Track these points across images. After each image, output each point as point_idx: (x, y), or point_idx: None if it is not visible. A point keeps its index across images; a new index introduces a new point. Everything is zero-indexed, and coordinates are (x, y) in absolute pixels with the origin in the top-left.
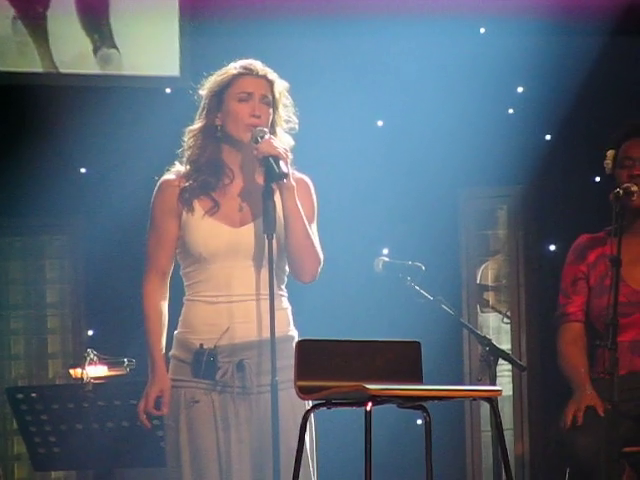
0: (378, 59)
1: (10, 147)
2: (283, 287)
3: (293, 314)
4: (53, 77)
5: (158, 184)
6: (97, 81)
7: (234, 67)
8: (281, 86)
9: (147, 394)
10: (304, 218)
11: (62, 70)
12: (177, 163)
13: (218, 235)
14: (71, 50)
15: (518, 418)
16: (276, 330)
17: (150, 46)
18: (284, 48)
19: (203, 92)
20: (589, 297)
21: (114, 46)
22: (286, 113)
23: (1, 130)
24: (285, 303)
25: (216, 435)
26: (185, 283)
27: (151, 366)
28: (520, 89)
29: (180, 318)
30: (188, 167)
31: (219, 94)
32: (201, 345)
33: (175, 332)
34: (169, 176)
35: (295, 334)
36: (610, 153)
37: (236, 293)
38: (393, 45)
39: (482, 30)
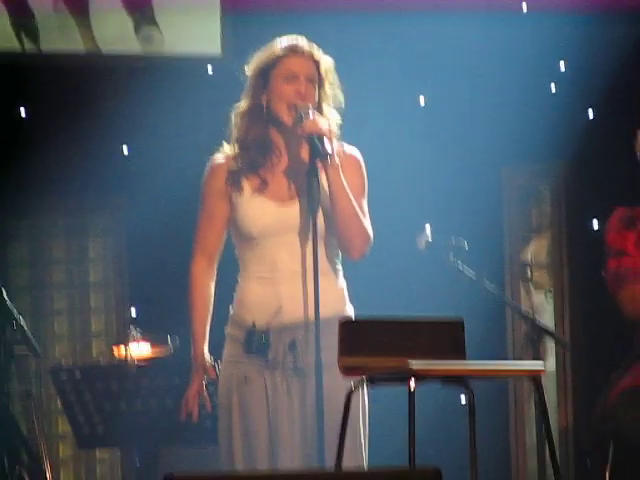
0: (420, 38)
1: (53, 127)
2: (338, 262)
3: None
4: (95, 57)
5: (207, 167)
6: (139, 61)
7: (279, 46)
8: (327, 63)
9: (192, 384)
10: (350, 195)
11: (104, 50)
12: (225, 143)
13: (266, 212)
14: (113, 30)
15: (562, 394)
16: (331, 307)
17: (191, 25)
18: (326, 23)
19: (249, 72)
20: None
21: (155, 25)
22: (332, 90)
23: (44, 110)
24: (341, 280)
25: (267, 413)
26: (239, 262)
27: (193, 353)
28: (562, 65)
29: (234, 296)
30: (236, 146)
31: (265, 73)
32: (253, 323)
33: (230, 309)
34: (218, 158)
35: (351, 311)
36: None
37: (285, 270)
38: (434, 24)
39: (524, 6)
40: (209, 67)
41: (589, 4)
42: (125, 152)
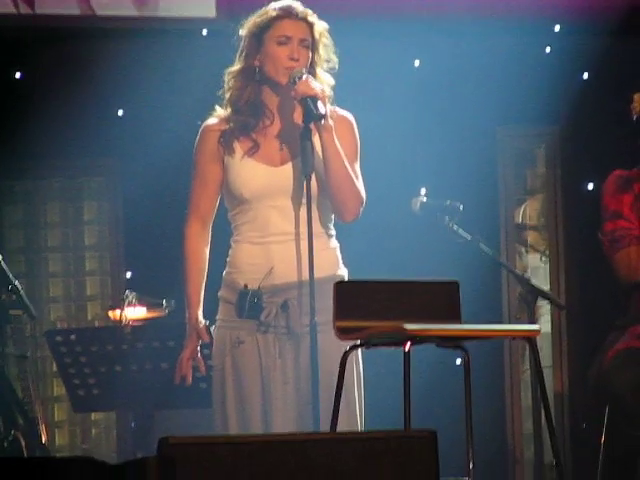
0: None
1: (47, 89)
2: (331, 226)
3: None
4: (90, 19)
5: (200, 130)
6: (133, 23)
7: (273, 8)
8: (321, 27)
9: (186, 347)
10: (343, 157)
11: (99, 12)
12: (217, 107)
13: (257, 175)
14: None
15: (557, 356)
16: (324, 269)
17: None
18: None
19: (243, 33)
20: None
21: None
22: (326, 53)
23: (38, 73)
24: (333, 242)
25: (260, 376)
26: (232, 226)
27: (187, 317)
28: (557, 27)
29: (227, 259)
30: (228, 109)
31: (258, 36)
32: (245, 285)
33: (223, 273)
34: (210, 121)
35: (344, 273)
36: (638, 96)
37: (278, 232)
38: None
39: None
40: (204, 29)
41: None
42: (120, 114)
